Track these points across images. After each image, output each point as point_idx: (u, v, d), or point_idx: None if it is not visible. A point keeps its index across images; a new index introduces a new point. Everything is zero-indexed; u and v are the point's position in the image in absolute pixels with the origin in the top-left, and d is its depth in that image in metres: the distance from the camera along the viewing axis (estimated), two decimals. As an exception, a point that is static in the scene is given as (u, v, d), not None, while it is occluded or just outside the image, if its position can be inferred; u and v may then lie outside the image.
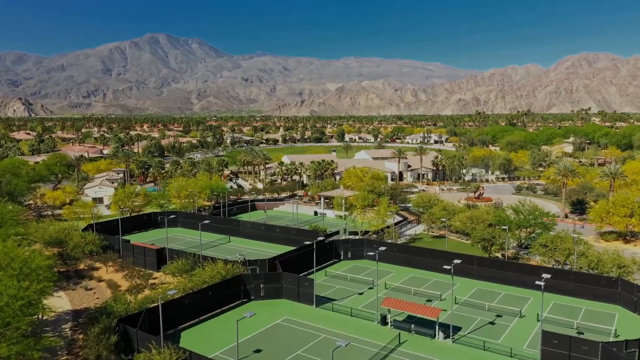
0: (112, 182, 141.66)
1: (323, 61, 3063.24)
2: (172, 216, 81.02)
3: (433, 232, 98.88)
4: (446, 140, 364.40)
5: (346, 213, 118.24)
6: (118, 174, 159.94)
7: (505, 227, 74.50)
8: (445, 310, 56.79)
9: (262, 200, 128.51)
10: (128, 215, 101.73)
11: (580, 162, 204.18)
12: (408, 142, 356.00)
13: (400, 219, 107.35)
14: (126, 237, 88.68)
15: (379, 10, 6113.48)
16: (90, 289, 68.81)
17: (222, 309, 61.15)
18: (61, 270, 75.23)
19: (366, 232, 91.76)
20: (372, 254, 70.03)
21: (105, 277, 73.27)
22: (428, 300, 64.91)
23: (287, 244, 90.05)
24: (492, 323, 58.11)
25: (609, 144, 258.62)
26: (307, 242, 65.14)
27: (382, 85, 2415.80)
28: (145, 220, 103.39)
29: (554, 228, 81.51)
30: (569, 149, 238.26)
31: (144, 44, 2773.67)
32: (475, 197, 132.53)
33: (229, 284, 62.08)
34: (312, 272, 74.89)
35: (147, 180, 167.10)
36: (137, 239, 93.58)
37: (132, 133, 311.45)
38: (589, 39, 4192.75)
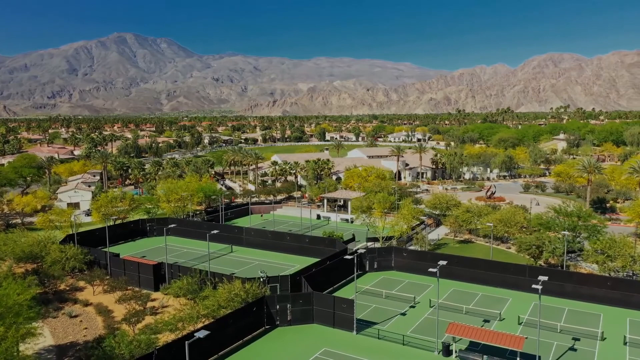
0: (89, 186, 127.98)
1: (294, 61, 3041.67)
2: (172, 225, 69.07)
3: (458, 237, 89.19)
4: (429, 138, 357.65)
5: (352, 217, 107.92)
6: (94, 176, 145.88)
7: (565, 232, 64.86)
8: (527, 338, 46.58)
9: (262, 203, 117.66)
10: (112, 223, 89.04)
11: (574, 158, 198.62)
12: (391, 141, 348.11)
13: (416, 222, 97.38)
14: (112, 249, 76.40)
15: (348, 11, 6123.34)
16: (76, 317, 56.55)
17: (244, 339, 49.91)
18: (38, 292, 62.51)
19: (389, 238, 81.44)
20: (429, 266, 59.66)
21: (92, 300, 60.98)
22: (485, 321, 55.00)
23: (300, 254, 79.22)
24: (573, 349, 48.42)
25: (595, 140, 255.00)
26: (348, 257, 54.15)
27: (354, 85, 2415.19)
28: (132, 229, 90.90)
29: (604, 231, 72.49)
30: (560, 145, 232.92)
31: (110, 44, 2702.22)
32: (486, 197, 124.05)
33: (251, 309, 50.84)
34: (341, 289, 64.62)
35: (126, 182, 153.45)
36: (125, 250, 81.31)
37: (105, 133, 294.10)
38: (553, 40, 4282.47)
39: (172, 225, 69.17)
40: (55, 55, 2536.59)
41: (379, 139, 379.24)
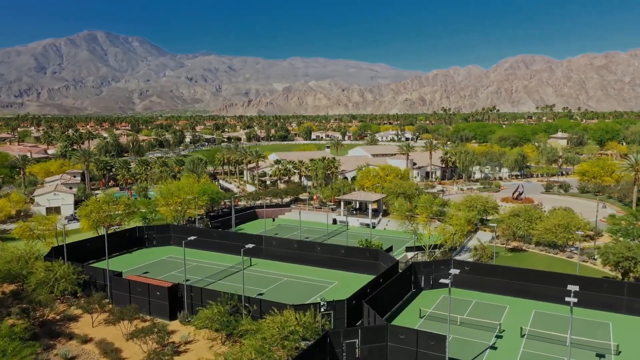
0: (70, 187, 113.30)
1: (269, 61, 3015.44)
2: (192, 237, 55.65)
3: (505, 244, 78.27)
4: (418, 137, 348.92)
5: (374, 221, 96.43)
6: (74, 176, 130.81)
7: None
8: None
9: (276, 205, 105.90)
10: (106, 232, 75.33)
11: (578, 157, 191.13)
12: (379, 140, 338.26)
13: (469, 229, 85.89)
14: (103, 264, 62.72)
15: (322, 12, 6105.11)
16: (73, 359, 43.30)
17: (307, 392, 37.55)
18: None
19: (435, 247, 69.94)
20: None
21: (92, 335, 47.69)
22: (599, 356, 43.79)
23: (335, 268, 67.21)
24: None
25: (590, 139, 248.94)
26: (445, 281, 41.92)
27: (329, 86, 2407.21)
28: (127, 238, 77.25)
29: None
30: (560, 144, 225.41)
31: (81, 41, 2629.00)
32: (513, 198, 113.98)
33: (315, 350, 38.52)
34: (401, 312, 52.76)
35: (110, 183, 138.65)
36: (120, 265, 68.00)
37: (82, 131, 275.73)
38: (525, 42, 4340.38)
39: (192, 238, 55.70)
40: (23, 53, 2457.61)
41: (365, 137, 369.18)
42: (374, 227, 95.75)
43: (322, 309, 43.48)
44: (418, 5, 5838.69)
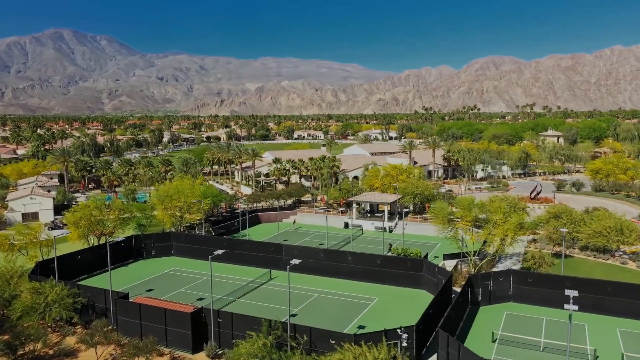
0: (49, 190, 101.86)
1: (241, 61, 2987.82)
2: (220, 251, 45.61)
3: (546, 249, 70.99)
4: (402, 136, 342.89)
5: (390, 224, 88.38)
6: (51, 178, 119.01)
7: None
8: None
9: (285, 208, 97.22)
10: (101, 242, 65.29)
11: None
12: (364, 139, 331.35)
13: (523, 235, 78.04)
14: (97, 280, 52.73)
15: (294, 11, 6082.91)
16: (79, 411, 33.67)
17: None
18: (5, 363, 39.04)
19: (476, 253, 62.03)
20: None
21: (99, 376, 37.99)
22: None
23: (370, 280, 58.83)
24: None
25: (579, 136, 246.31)
26: (571, 308, 33.49)
27: (302, 86, 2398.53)
28: (122, 249, 66.91)
29: None
30: (552, 142, 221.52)
31: (46, 40, 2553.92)
32: (530, 197, 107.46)
33: (403, 399, 29.84)
34: (468, 335, 44.37)
35: (90, 186, 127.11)
36: (118, 281, 58.16)
37: (54, 130, 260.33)
38: (494, 44, 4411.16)
39: (219, 252, 45.76)
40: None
41: (348, 137, 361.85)
42: (391, 231, 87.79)
43: (404, 343, 34.58)
44: (389, 7, 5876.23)
